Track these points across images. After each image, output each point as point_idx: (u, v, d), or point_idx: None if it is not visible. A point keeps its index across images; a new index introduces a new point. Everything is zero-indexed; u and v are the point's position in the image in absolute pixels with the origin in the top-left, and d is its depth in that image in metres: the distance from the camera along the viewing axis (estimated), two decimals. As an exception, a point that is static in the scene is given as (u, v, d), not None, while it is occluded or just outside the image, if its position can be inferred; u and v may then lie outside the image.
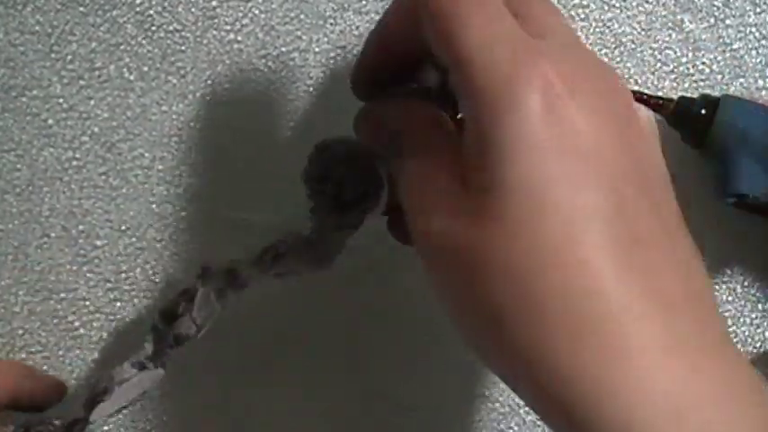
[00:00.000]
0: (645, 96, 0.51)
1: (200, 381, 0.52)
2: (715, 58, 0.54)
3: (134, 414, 0.52)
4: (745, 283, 0.53)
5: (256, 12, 0.53)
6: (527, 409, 0.53)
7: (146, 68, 0.53)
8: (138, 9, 0.53)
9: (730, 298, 0.53)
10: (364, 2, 0.53)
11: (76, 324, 0.52)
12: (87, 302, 0.52)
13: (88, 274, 0.52)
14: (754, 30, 0.54)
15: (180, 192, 0.53)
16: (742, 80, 0.54)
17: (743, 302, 0.53)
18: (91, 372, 0.52)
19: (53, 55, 0.53)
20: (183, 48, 0.53)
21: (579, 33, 0.54)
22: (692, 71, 0.54)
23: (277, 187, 0.53)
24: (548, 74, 0.37)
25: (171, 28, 0.53)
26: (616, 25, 0.54)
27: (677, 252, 0.38)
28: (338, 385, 0.52)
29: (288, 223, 0.53)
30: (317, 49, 0.53)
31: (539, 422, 0.53)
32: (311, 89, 0.53)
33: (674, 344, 0.36)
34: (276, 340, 0.52)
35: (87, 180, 0.53)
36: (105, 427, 0.52)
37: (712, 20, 0.54)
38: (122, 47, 0.53)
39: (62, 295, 0.52)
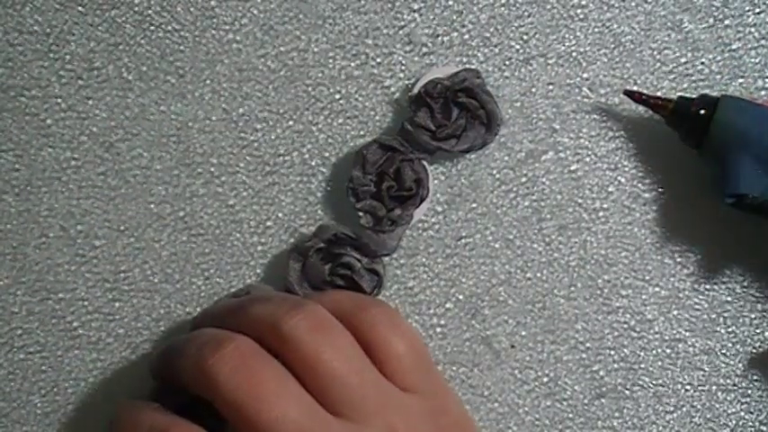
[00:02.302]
0: (644, 96, 0.52)
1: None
2: (714, 58, 0.54)
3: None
4: (745, 283, 0.53)
5: (255, 11, 0.53)
6: (527, 408, 0.53)
7: (144, 68, 0.53)
8: (136, 9, 0.53)
9: (730, 298, 0.53)
10: (363, 1, 0.53)
11: (75, 324, 0.52)
12: (86, 302, 0.52)
13: (87, 274, 0.52)
14: (753, 30, 0.54)
15: (178, 192, 0.53)
16: (741, 80, 0.54)
17: (742, 302, 0.53)
18: (89, 372, 0.52)
19: (52, 55, 0.53)
20: (181, 47, 0.53)
21: (578, 33, 0.54)
22: (690, 71, 0.54)
23: (277, 186, 0.53)
24: None
25: (170, 27, 0.53)
26: (615, 25, 0.54)
27: None
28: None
29: (289, 222, 0.53)
30: (315, 49, 0.53)
31: (538, 422, 0.53)
32: (310, 89, 0.53)
33: None
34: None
35: (86, 180, 0.53)
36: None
37: (711, 20, 0.54)
38: (121, 47, 0.53)
39: (60, 295, 0.52)
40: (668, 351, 0.53)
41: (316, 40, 0.53)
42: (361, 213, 0.51)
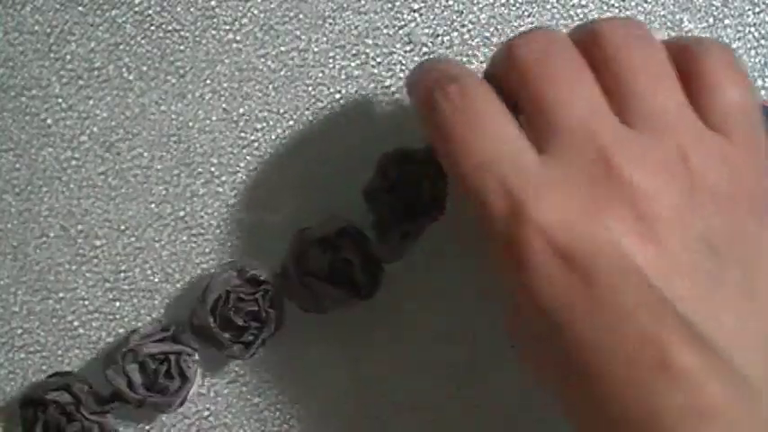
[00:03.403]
0: (644, 96, 0.51)
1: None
2: (714, 57, 0.54)
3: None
4: (745, 283, 0.53)
5: (255, 11, 0.53)
6: (527, 408, 0.52)
7: (145, 68, 0.53)
8: (136, 9, 0.53)
9: (729, 298, 0.53)
10: (363, 1, 0.54)
11: (75, 324, 0.52)
12: (86, 302, 0.52)
13: (87, 274, 0.52)
14: (752, 30, 0.54)
15: (179, 191, 0.53)
16: (741, 80, 0.54)
17: (742, 302, 0.53)
18: (90, 372, 0.52)
19: (52, 54, 0.53)
20: (181, 47, 0.53)
21: (578, 33, 0.54)
22: (691, 71, 0.54)
23: (276, 186, 0.53)
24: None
25: (170, 27, 0.53)
26: (615, 25, 0.54)
27: None
28: (337, 384, 0.52)
29: (289, 222, 0.53)
30: (315, 49, 0.53)
31: (538, 422, 0.53)
32: (310, 89, 0.53)
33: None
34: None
35: (86, 180, 0.53)
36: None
37: (711, 20, 0.54)
38: (121, 46, 0.53)
39: (61, 295, 0.52)
40: (668, 351, 0.53)
41: (316, 40, 0.53)
42: (372, 219, 0.51)
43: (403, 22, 0.54)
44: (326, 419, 0.52)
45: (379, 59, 0.53)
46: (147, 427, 0.52)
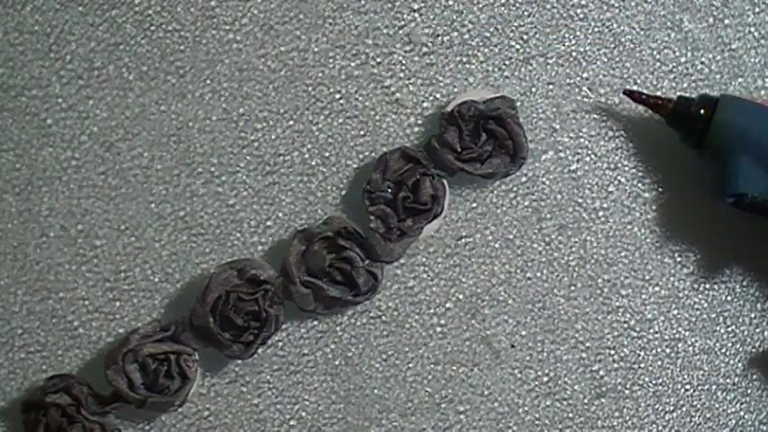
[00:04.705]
0: (644, 96, 0.52)
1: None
2: (714, 57, 0.54)
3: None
4: (745, 283, 0.53)
5: (255, 11, 0.53)
6: (527, 408, 0.53)
7: (145, 68, 0.53)
8: (137, 9, 0.53)
9: (729, 298, 0.53)
10: (363, 1, 0.54)
11: (75, 323, 0.52)
12: (86, 302, 0.52)
13: (87, 274, 0.52)
14: (752, 29, 0.54)
15: (178, 191, 0.53)
16: (741, 80, 0.54)
17: (742, 302, 0.53)
18: (90, 372, 0.52)
19: (52, 54, 0.53)
20: (181, 47, 0.53)
21: (578, 33, 0.54)
22: (690, 71, 0.54)
23: (277, 186, 0.53)
24: None
25: (170, 27, 0.53)
26: (615, 25, 0.54)
27: None
28: (337, 385, 0.52)
29: (289, 222, 0.53)
30: (315, 49, 0.53)
31: (538, 422, 0.53)
32: (310, 89, 0.53)
33: None
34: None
35: (86, 180, 0.53)
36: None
37: (711, 19, 0.54)
38: (121, 46, 0.53)
39: (61, 295, 0.52)
40: (668, 351, 0.53)
41: (316, 40, 0.53)
42: (372, 217, 0.51)
43: (403, 22, 0.54)
44: (325, 420, 0.52)
45: (379, 59, 0.53)
46: (146, 427, 0.52)
